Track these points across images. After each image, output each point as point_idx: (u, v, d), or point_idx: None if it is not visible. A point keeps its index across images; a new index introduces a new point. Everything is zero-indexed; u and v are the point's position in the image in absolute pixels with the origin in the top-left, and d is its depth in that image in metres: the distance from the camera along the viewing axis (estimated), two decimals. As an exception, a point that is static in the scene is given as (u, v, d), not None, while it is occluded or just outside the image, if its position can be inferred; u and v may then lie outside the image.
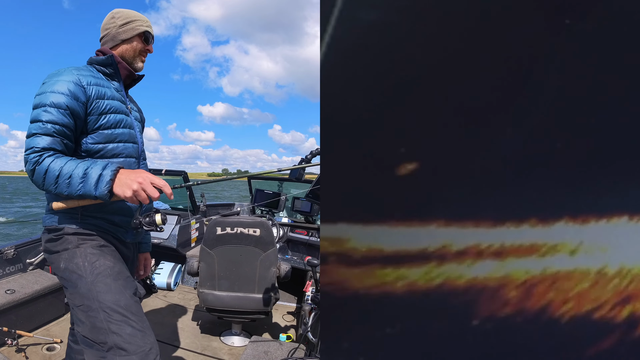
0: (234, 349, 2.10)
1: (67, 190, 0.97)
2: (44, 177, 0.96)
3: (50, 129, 0.98)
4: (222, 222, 1.95)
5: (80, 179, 0.96)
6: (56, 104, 0.99)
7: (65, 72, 1.04)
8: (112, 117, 1.10)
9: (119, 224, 1.14)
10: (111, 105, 1.10)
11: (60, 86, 1.01)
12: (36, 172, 0.97)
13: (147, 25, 1.19)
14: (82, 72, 1.07)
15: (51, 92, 1.00)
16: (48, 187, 0.98)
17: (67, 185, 0.96)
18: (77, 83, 1.03)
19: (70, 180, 0.96)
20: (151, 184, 0.96)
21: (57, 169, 0.96)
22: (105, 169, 0.97)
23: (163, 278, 2.94)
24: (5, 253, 2.17)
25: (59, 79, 1.02)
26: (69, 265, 1.03)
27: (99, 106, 1.07)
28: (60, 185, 0.96)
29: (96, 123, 1.07)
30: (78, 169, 0.97)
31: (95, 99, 1.07)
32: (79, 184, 0.96)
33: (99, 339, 0.96)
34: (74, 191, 0.97)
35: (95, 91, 1.07)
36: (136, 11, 1.20)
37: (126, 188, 0.95)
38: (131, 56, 1.18)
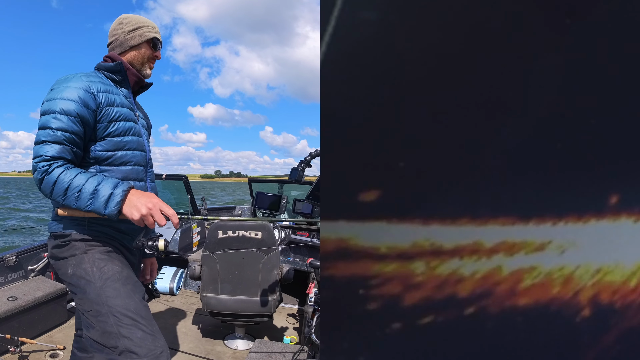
0: (238, 353, 2.09)
1: (76, 204, 0.96)
2: (52, 187, 0.96)
3: (60, 137, 0.97)
4: (224, 225, 1.95)
5: (90, 195, 0.96)
6: (66, 111, 0.98)
7: (75, 79, 1.03)
8: (121, 125, 1.09)
9: (124, 232, 1.14)
10: (121, 113, 1.09)
11: (70, 93, 1.00)
12: (45, 181, 0.96)
13: (156, 32, 1.18)
14: (92, 78, 1.06)
15: (61, 98, 0.99)
16: (56, 197, 0.97)
17: (75, 199, 0.96)
18: (87, 90, 1.02)
19: (79, 195, 0.96)
20: (160, 212, 0.97)
21: (66, 181, 0.95)
22: (116, 188, 0.97)
23: (165, 283, 2.94)
24: (7, 260, 2.17)
25: (68, 85, 1.01)
26: (77, 271, 1.03)
27: (109, 113, 1.06)
28: (68, 198, 0.96)
29: (105, 130, 1.06)
30: (88, 185, 0.96)
31: (105, 106, 1.06)
32: (89, 200, 0.96)
33: (109, 343, 0.96)
34: (83, 206, 0.96)
35: (105, 98, 1.06)
36: (144, 17, 1.20)
37: (135, 210, 0.96)
38: (139, 62, 1.17)
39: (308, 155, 1.37)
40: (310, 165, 1.39)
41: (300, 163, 1.38)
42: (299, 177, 1.37)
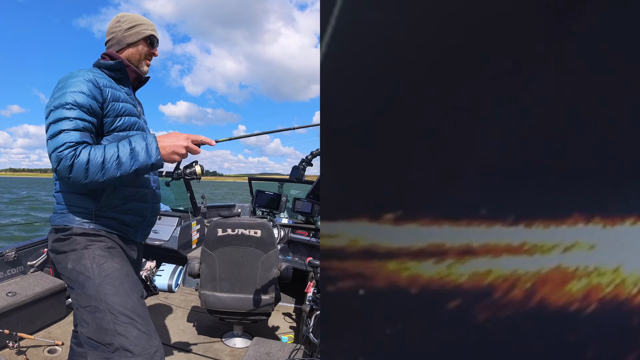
0: (235, 351, 2.09)
1: (119, 171, 0.97)
2: (86, 168, 0.94)
3: (80, 124, 0.98)
4: (223, 223, 1.95)
5: (130, 155, 0.98)
6: (79, 102, 0.99)
7: (81, 73, 1.05)
8: (126, 120, 1.11)
9: (130, 224, 1.15)
10: (125, 108, 1.11)
11: (80, 86, 1.01)
12: (76, 165, 0.94)
13: (152, 29, 1.20)
14: (96, 73, 1.08)
15: (72, 91, 1.00)
16: (93, 177, 0.95)
17: (117, 167, 0.97)
18: (95, 84, 1.04)
19: (119, 160, 0.97)
20: (193, 143, 1.05)
21: (99, 156, 0.96)
22: (147, 138, 1.02)
23: (164, 280, 2.94)
24: (6, 255, 2.17)
25: (76, 79, 1.03)
26: (77, 266, 1.04)
27: (115, 108, 1.08)
28: (108, 170, 0.96)
29: (112, 125, 1.08)
30: (122, 149, 0.99)
31: (111, 101, 1.07)
32: (131, 160, 0.98)
33: (104, 340, 0.96)
34: (128, 169, 0.98)
35: (111, 93, 1.08)
36: (139, 14, 1.22)
37: (174, 155, 1.03)
38: (137, 60, 1.19)
39: (309, 154, 1.37)
40: (312, 164, 1.39)
41: (301, 162, 1.38)
42: (299, 175, 1.37)
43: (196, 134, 1.19)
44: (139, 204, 1.15)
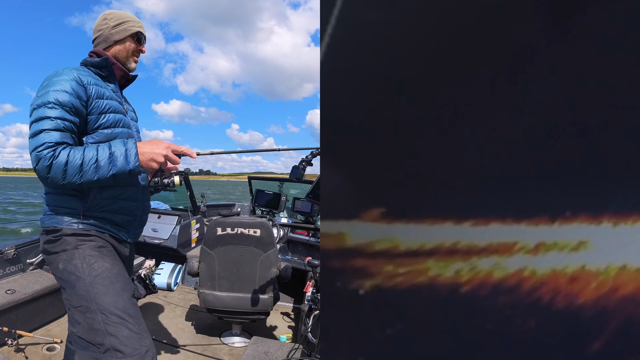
0: (234, 350, 2.10)
1: (96, 174, 0.97)
2: (64, 169, 0.94)
3: (60, 124, 0.98)
4: (223, 222, 1.96)
5: (108, 160, 0.98)
6: (61, 101, 0.99)
7: (65, 72, 1.05)
8: (111, 117, 1.10)
9: (120, 224, 1.14)
10: (110, 105, 1.11)
11: (63, 85, 1.01)
12: (54, 166, 0.94)
13: (140, 26, 1.20)
14: (81, 71, 1.08)
15: (54, 90, 1.00)
16: (70, 178, 0.95)
17: (94, 170, 0.97)
18: (78, 82, 1.04)
19: (97, 164, 0.97)
20: (173, 153, 1.06)
21: (78, 158, 0.95)
22: (127, 144, 1.01)
23: (163, 278, 2.94)
24: (6, 253, 2.17)
25: (59, 78, 1.03)
26: (68, 267, 1.03)
27: (99, 105, 1.08)
28: (86, 173, 0.96)
29: (96, 122, 1.07)
30: (102, 153, 0.98)
31: (95, 99, 1.07)
32: (109, 165, 0.98)
33: (95, 340, 0.96)
34: (105, 173, 0.98)
35: (95, 91, 1.07)
36: (128, 12, 1.23)
37: (152, 162, 1.03)
38: (124, 57, 1.19)
39: (309, 154, 1.38)
40: (312, 164, 1.39)
41: (301, 161, 1.38)
42: (299, 175, 1.37)
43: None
44: (128, 202, 1.14)
